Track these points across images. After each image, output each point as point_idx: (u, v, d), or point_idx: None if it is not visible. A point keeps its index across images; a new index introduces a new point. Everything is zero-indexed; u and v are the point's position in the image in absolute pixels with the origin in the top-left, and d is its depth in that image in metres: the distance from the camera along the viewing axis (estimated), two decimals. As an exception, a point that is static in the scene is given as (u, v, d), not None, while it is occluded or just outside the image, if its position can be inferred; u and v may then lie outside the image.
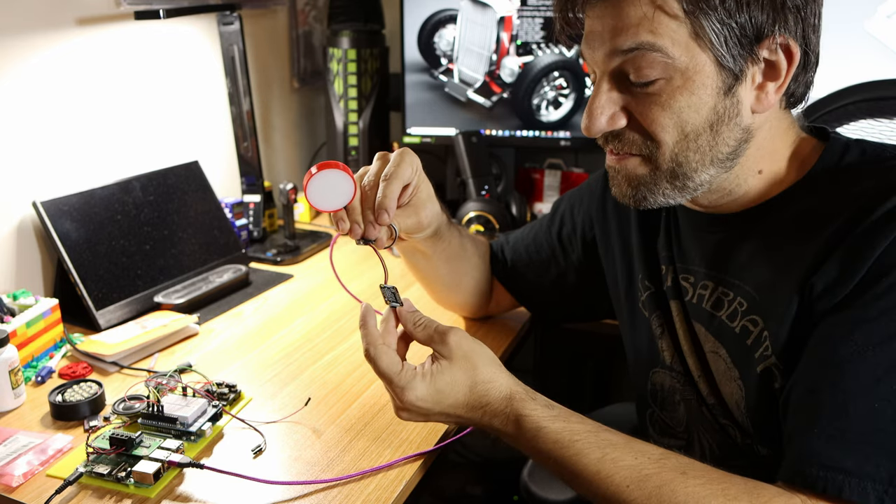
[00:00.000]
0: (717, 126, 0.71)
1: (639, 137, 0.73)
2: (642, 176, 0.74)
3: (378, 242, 0.80)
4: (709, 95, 0.69)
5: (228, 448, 0.85)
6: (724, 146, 0.72)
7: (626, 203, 0.77)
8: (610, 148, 0.76)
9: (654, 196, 0.75)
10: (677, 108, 0.69)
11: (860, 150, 0.74)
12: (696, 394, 0.82)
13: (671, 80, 0.69)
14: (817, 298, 0.67)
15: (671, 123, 0.70)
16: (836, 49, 1.36)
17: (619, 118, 0.73)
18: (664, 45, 0.67)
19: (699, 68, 0.68)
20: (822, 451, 0.62)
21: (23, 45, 1.12)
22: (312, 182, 0.76)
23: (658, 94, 0.70)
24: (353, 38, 1.62)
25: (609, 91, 0.72)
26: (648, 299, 0.88)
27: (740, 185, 0.76)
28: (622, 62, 0.70)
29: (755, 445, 0.76)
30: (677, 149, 0.71)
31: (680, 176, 0.73)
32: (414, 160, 0.82)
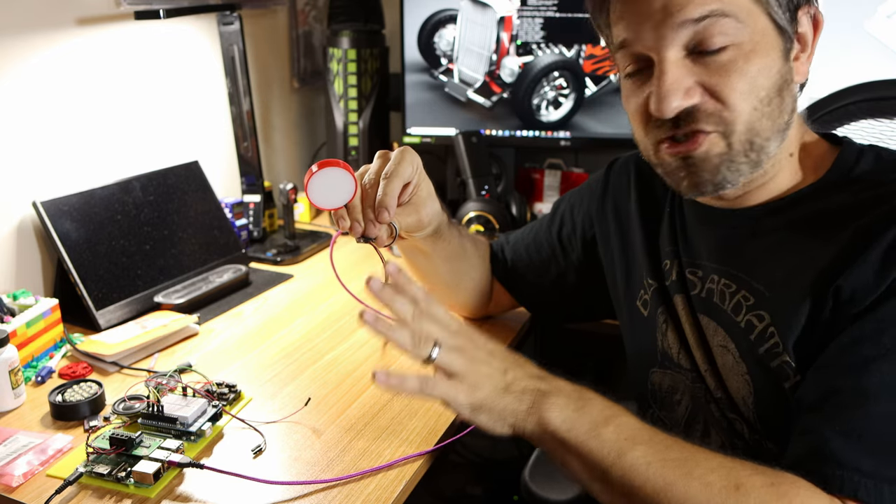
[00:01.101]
0: (783, 91, 0.71)
1: (714, 108, 0.70)
2: (721, 154, 0.71)
3: (378, 241, 0.80)
4: (775, 58, 0.70)
5: (228, 448, 0.85)
6: (785, 113, 0.72)
7: (704, 192, 0.74)
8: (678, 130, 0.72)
9: (733, 175, 0.72)
10: (753, 72, 0.69)
11: (875, 155, 0.74)
12: (703, 389, 0.82)
13: (742, 45, 0.69)
14: (846, 302, 0.67)
15: (747, 89, 0.69)
16: (836, 49, 1.36)
17: (694, 92, 0.70)
18: (733, 10, 0.68)
19: (763, 31, 0.69)
20: (840, 450, 0.62)
21: (23, 45, 1.12)
22: (313, 180, 0.76)
23: (732, 61, 0.69)
24: (353, 38, 1.62)
25: (679, 66, 0.70)
26: (653, 295, 0.88)
27: (774, 165, 0.75)
28: (692, 33, 0.69)
29: (763, 441, 0.76)
30: (753, 116, 0.70)
31: (755, 148, 0.71)
32: (414, 159, 0.82)
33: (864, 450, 0.62)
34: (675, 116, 0.71)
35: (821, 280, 0.69)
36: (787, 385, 0.71)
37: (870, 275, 0.66)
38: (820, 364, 0.68)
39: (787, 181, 0.77)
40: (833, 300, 0.68)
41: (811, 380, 0.68)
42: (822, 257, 0.70)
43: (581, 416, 0.68)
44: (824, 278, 0.69)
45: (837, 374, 0.66)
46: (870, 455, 0.61)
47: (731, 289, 0.78)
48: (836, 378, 0.65)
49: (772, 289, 0.74)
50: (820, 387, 0.67)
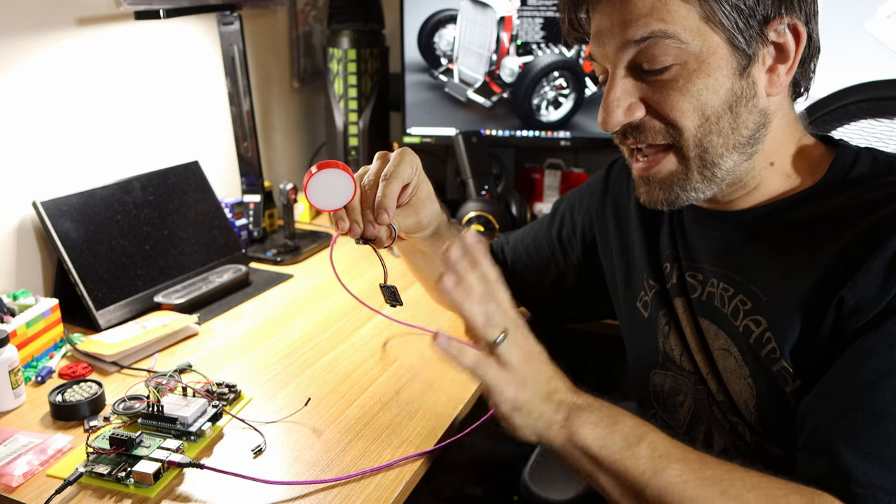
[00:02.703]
0: (736, 108, 0.71)
1: (659, 126, 0.72)
2: (675, 172, 0.74)
3: (377, 242, 0.80)
4: (725, 77, 0.70)
5: (228, 448, 0.85)
6: (744, 129, 0.72)
7: (659, 207, 0.77)
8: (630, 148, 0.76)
9: (686, 193, 0.75)
10: (696, 91, 0.70)
11: (871, 158, 0.74)
12: (706, 392, 0.82)
13: (686, 64, 0.69)
14: (851, 313, 0.66)
15: (691, 107, 0.70)
16: (836, 49, 1.36)
17: (636, 108, 0.73)
18: (676, 31, 0.68)
19: (713, 50, 0.69)
20: (860, 468, 0.62)
21: (23, 45, 1.12)
22: (312, 181, 0.76)
23: (675, 80, 0.70)
24: (353, 38, 1.62)
25: (624, 83, 0.72)
26: (654, 298, 0.87)
27: (754, 176, 0.76)
28: (635, 53, 0.70)
29: (765, 444, 0.76)
30: (700, 133, 0.71)
31: (708, 164, 0.73)
32: (414, 160, 0.82)
33: (883, 467, 0.62)
34: (623, 131, 0.75)
35: (820, 287, 0.69)
36: (788, 389, 0.71)
37: (874, 286, 0.65)
38: (830, 379, 0.67)
39: (777, 186, 0.77)
40: (836, 311, 0.67)
41: (822, 394, 0.68)
42: (819, 263, 0.69)
43: (613, 434, 0.67)
44: (824, 286, 0.68)
45: (850, 391, 0.65)
46: (889, 472, 0.62)
47: (729, 292, 0.78)
48: (849, 395, 0.65)
49: (768, 293, 0.74)
50: (833, 403, 0.66)
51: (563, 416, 0.69)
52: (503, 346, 0.67)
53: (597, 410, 0.69)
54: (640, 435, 0.67)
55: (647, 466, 0.65)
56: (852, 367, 0.66)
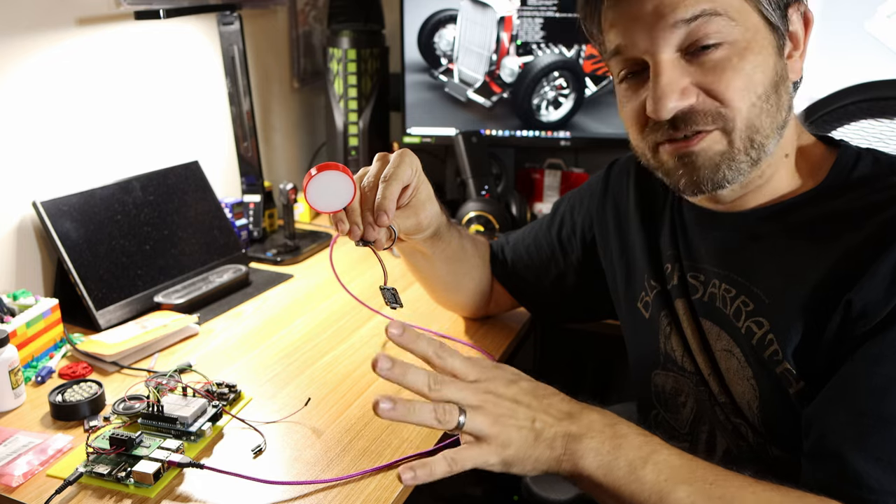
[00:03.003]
0: (779, 87, 0.71)
1: (712, 107, 0.70)
2: (722, 152, 0.71)
3: (377, 244, 0.80)
4: (769, 55, 0.70)
5: (228, 448, 0.85)
6: (783, 110, 0.72)
7: (703, 191, 0.73)
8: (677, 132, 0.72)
9: (733, 173, 0.72)
10: (749, 69, 0.69)
11: (873, 159, 0.74)
12: (707, 393, 0.81)
13: (736, 43, 0.69)
14: (858, 317, 0.66)
15: (743, 86, 0.69)
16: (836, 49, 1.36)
17: (689, 92, 0.70)
18: (725, 9, 0.68)
19: (756, 29, 0.69)
20: (871, 474, 0.62)
21: (23, 45, 1.12)
22: (312, 183, 0.76)
23: (728, 59, 0.69)
24: (353, 38, 1.62)
25: (673, 67, 0.70)
26: (655, 298, 0.87)
27: (771, 165, 0.75)
28: (685, 34, 0.69)
29: (768, 446, 0.76)
30: (752, 113, 0.70)
31: (755, 145, 0.71)
32: (413, 161, 0.82)
33: (894, 473, 0.62)
34: (673, 119, 0.71)
35: (824, 289, 0.68)
36: (792, 391, 0.71)
37: (881, 289, 0.65)
38: (837, 384, 0.67)
39: (784, 184, 0.76)
40: (843, 314, 0.67)
41: (830, 400, 0.67)
42: (823, 265, 0.69)
43: (617, 459, 0.64)
44: (829, 288, 0.68)
45: (858, 397, 0.65)
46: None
47: (731, 293, 0.78)
48: (858, 400, 0.65)
49: (771, 295, 0.74)
50: (841, 409, 0.66)
51: (559, 451, 0.65)
52: (468, 425, 0.63)
53: (597, 434, 0.66)
54: (646, 456, 0.65)
55: (654, 491, 0.63)
56: (860, 372, 0.65)
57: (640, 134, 0.76)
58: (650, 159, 0.77)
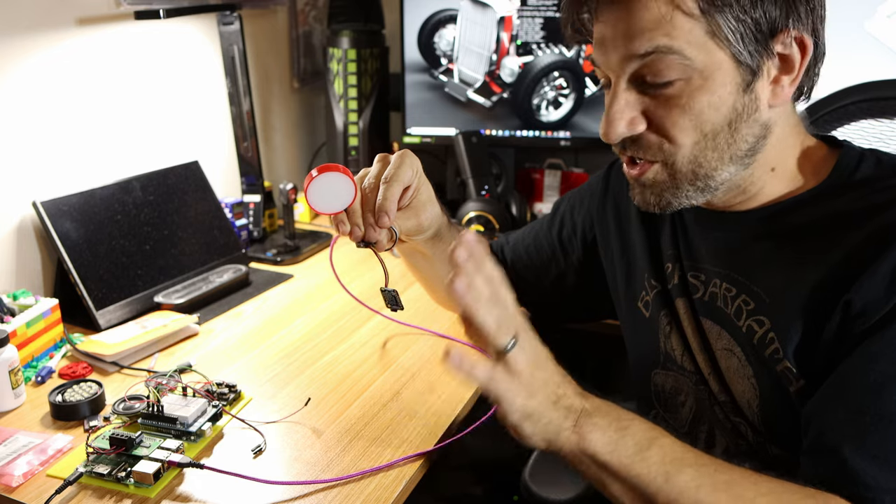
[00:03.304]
0: (736, 123, 0.71)
1: (657, 140, 0.72)
2: (663, 182, 0.74)
3: (378, 245, 0.80)
4: (728, 93, 0.69)
5: (228, 448, 0.85)
6: (742, 143, 0.72)
7: (651, 210, 0.77)
8: (628, 156, 0.76)
9: (677, 199, 0.75)
10: (698, 108, 0.69)
11: (875, 160, 0.74)
12: (707, 392, 0.82)
13: (690, 80, 0.68)
14: (857, 315, 0.66)
15: (691, 125, 0.70)
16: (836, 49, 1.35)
17: (638, 122, 0.72)
18: (681, 47, 0.67)
19: (717, 66, 0.68)
20: (868, 471, 0.62)
21: (23, 45, 1.12)
22: (313, 185, 0.76)
23: (678, 96, 0.69)
24: (353, 38, 1.62)
25: (627, 95, 0.71)
26: (655, 298, 0.87)
27: (754, 182, 0.75)
28: (639, 66, 0.69)
29: (767, 445, 0.76)
30: (696, 150, 0.71)
31: (700, 177, 0.73)
32: (414, 162, 0.82)
33: (892, 470, 0.62)
34: (622, 140, 0.74)
35: (824, 289, 0.68)
36: (792, 389, 0.71)
37: (881, 288, 0.65)
38: (836, 381, 0.67)
39: (779, 189, 0.76)
40: (842, 313, 0.67)
41: (828, 397, 0.67)
42: (824, 264, 0.69)
43: (624, 438, 0.66)
44: (829, 288, 0.68)
45: (857, 394, 0.65)
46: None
47: (731, 293, 0.78)
48: (856, 398, 0.65)
49: (771, 294, 0.74)
50: (839, 406, 0.66)
51: (572, 421, 0.68)
52: (513, 353, 0.65)
53: (606, 415, 0.68)
54: (651, 439, 0.66)
55: (659, 471, 0.64)
56: (859, 370, 0.65)
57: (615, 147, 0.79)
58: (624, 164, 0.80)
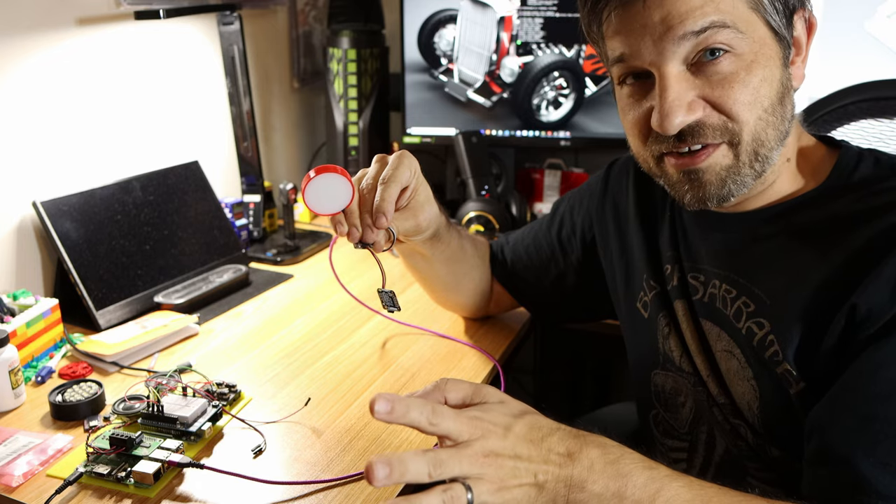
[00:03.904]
0: (784, 99, 0.71)
1: (718, 121, 0.69)
2: (728, 167, 0.71)
3: (376, 246, 0.80)
4: (776, 67, 0.69)
5: (228, 448, 0.85)
6: (786, 121, 0.72)
7: (709, 205, 0.73)
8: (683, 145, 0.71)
9: (738, 187, 0.72)
10: (756, 82, 0.68)
11: (874, 160, 0.74)
12: (706, 394, 0.81)
13: (743, 55, 0.68)
14: (862, 321, 0.65)
15: (751, 99, 0.69)
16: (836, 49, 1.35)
17: (696, 106, 0.69)
18: (733, 21, 0.67)
19: (763, 40, 0.68)
20: (880, 479, 0.62)
21: (23, 45, 1.12)
22: (310, 186, 0.76)
23: (735, 72, 0.68)
24: (353, 38, 1.62)
25: (680, 79, 0.69)
26: (654, 299, 0.87)
27: (774, 171, 0.74)
28: (694, 45, 0.68)
29: (767, 446, 0.76)
30: (758, 126, 0.69)
31: (760, 158, 0.71)
32: (412, 163, 0.82)
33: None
34: (680, 132, 0.70)
35: (826, 291, 0.68)
36: (792, 392, 0.71)
37: (885, 293, 0.64)
38: (843, 388, 0.66)
39: (785, 186, 0.76)
40: (847, 317, 0.66)
41: (835, 405, 0.67)
42: (825, 267, 0.69)
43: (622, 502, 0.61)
44: (831, 290, 0.68)
45: (865, 402, 0.64)
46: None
47: (731, 294, 0.77)
48: (865, 405, 0.64)
49: (772, 296, 0.73)
50: (847, 414, 0.65)
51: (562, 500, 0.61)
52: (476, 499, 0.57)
53: (599, 477, 0.61)
54: (654, 494, 0.61)
55: None
56: (866, 377, 0.65)
57: (642, 143, 0.75)
58: (653, 168, 0.77)
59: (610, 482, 0.60)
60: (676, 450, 0.87)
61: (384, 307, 0.84)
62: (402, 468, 0.56)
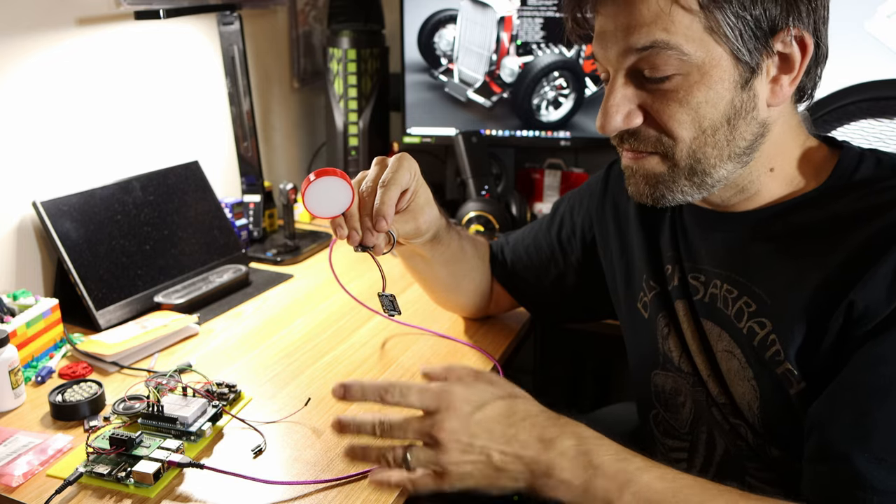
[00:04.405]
0: (735, 120, 0.71)
1: (655, 134, 0.72)
2: (661, 174, 0.74)
3: (376, 249, 0.80)
4: (726, 90, 0.69)
5: (228, 448, 0.85)
6: (741, 140, 0.72)
7: (644, 202, 0.77)
8: (626, 147, 0.75)
9: (672, 194, 0.74)
10: (695, 103, 0.69)
11: (875, 160, 0.74)
12: (705, 394, 0.81)
13: (688, 75, 0.69)
14: (860, 318, 0.65)
15: (688, 119, 0.70)
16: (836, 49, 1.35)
17: (635, 116, 0.72)
18: (678, 43, 0.67)
19: (715, 63, 0.68)
20: (876, 475, 0.62)
21: (23, 45, 1.12)
22: (310, 189, 0.76)
23: (675, 91, 0.69)
24: (353, 38, 1.62)
25: (624, 89, 0.71)
26: (654, 299, 0.87)
27: (753, 182, 0.75)
28: (637, 60, 0.69)
29: (767, 446, 0.76)
30: (695, 145, 0.71)
31: (698, 172, 0.72)
32: (412, 165, 0.82)
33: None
34: (620, 133, 0.74)
35: (826, 290, 0.68)
36: (792, 392, 0.71)
37: (882, 289, 0.65)
38: (840, 385, 0.67)
39: (778, 190, 0.76)
40: (845, 315, 0.66)
41: (833, 401, 0.67)
42: (826, 266, 0.69)
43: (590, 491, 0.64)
44: (831, 289, 0.68)
45: (862, 398, 0.64)
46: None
47: (732, 294, 0.77)
48: (861, 401, 0.64)
49: (773, 296, 0.73)
50: (844, 410, 0.65)
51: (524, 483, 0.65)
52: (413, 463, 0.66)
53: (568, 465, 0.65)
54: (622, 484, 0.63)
55: None
56: (864, 373, 0.65)
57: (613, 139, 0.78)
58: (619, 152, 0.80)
59: (579, 471, 0.64)
60: (677, 450, 0.87)
61: (384, 311, 0.84)
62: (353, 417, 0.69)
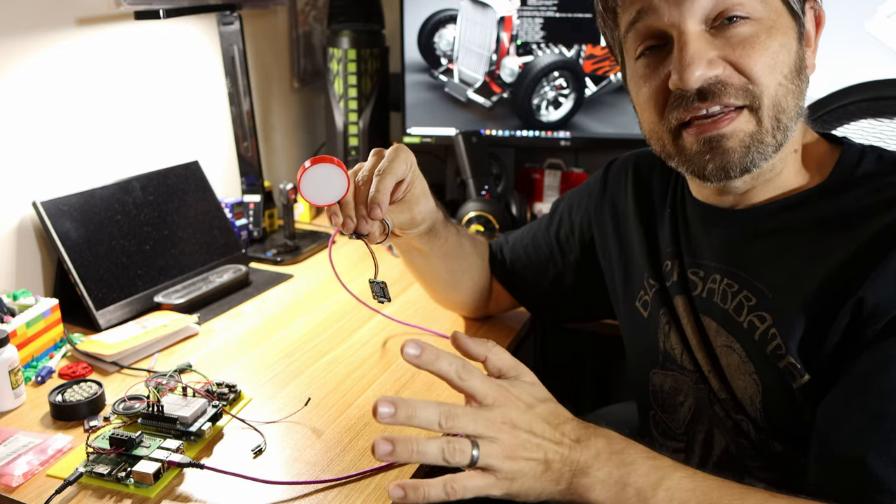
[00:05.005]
0: (801, 72, 0.71)
1: (739, 82, 0.69)
2: (752, 133, 0.70)
3: (370, 237, 0.81)
4: (792, 39, 0.70)
5: (228, 448, 0.85)
6: (803, 97, 0.72)
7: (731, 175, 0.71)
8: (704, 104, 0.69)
9: (760, 156, 0.71)
10: (774, 48, 0.69)
11: (877, 156, 0.74)
12: (707, 390, 0.81)
13: (762, 20, 0.69)
14: (869, 316, 0.65)
15: (771, 63, 0.69)
16: (836, 49, 1.36)
17: (717, 63, 0.69)
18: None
19: (780, 12, 0.70)
20: (891, 478, 0.61)
21: (23, 45, 1.12)
22: (306, 176, 0.77)
23: (755, 35, 0.69)
24: (353, 38, 1.62)
25: (700, 38, 0.69)
26: (654, 296, 0.87)
27: (783, 159, 0.74)
28: (713, 4, 0.68)
29: (770, 441, 0.76)
30: (779, 92, 0.70)
31: (781, 126, 0.71)
32: (408, 156, 0.83)
33: None
34: (700, 91, 0.69)
35: (831, 286, 0.68)
36: (796, 385, 0.71)
37: (892, 287, 0.64)
38: (852, 386, 0.66)
39: (791, 180, 0.76)
40: (853, 312, 0.66)
41: (845, 403, 0.66)
42: (830, 261, 0.69)
43: (625, 489, 0.62)
44: (836, 285, 0.68)
45: (876, 399, 0.64)
46: None
47: (732, 288, 0.77)
48: (875, 403, 0.64)
49: (774, 290, 0.73)
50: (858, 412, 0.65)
51: (565, 484, 0.62)
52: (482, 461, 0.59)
53: (604, 464, 0.62)
54: (656, 483, 0.61)
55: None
56: (876, 374, 0.64)
57: (659, 116, 0.74)
58: (668, 146, 0.75)
59: (614, 469, 0.62)
60: (674, 451, 0.87)
61: (374, 297, 0.84)
62: (410, 411, 0.57)
